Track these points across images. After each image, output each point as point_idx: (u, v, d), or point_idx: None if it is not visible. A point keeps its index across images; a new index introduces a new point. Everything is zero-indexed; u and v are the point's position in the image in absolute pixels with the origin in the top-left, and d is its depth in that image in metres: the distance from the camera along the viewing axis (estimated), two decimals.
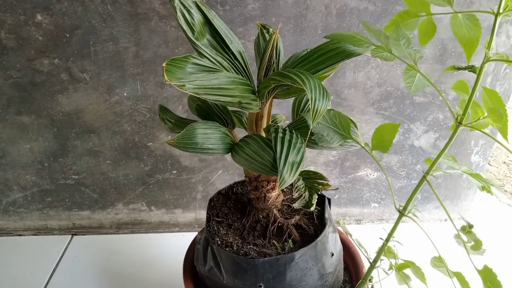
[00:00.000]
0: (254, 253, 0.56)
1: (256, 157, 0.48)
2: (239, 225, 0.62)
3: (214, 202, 0.67)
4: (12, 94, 0.84)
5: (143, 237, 1.03)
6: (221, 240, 0.58)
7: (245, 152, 0.49)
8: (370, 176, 0.99)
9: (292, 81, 0.42)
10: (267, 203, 0.59)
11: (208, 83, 0.43)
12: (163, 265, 0.92)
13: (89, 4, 0.75)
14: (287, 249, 0.57)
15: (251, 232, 0.60)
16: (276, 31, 0.48)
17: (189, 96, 0.60)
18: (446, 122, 0.91)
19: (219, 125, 0.52)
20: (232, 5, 0.76)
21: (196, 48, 0.48)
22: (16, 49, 0.79)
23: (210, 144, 0.49)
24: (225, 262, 0.56)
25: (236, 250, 0.56)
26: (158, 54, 0.80)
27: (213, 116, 0.57)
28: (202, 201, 1.01)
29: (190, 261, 0.68)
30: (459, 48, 0.82)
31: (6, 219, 1.01)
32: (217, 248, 0.57)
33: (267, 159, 0.47)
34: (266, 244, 0.58)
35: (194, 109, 0.59)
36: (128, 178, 0.96)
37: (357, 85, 0.86)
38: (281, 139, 0.47)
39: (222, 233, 0.60)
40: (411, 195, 0.48)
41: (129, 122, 0.88)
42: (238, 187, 0.70)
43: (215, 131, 0.51)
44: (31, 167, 0.93)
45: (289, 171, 0.45)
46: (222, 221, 0.62)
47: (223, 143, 0.51)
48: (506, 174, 1.39)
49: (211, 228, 0.61)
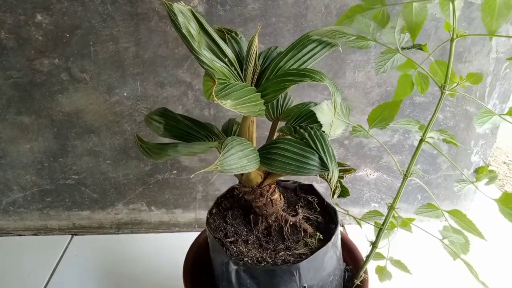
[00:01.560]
0: (291, 258, 0.55)
1: (299, 159, 0.46)
2: (253, 237, 0.59)
3: (213, 224, 0.62)
4: (12, 94, 0.84)
5: (143, 237, 1.03)
6: (250, 258, 0.55)
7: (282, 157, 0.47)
8: (370, 176, 0.99)
9: (311, 79, 0.43)
10: (276, 207, 0.59)
11: (241, 95, 0.43)
12: (163, 265, 0.92)
13: (89, 4, 0.75)
14: (316, 241, 0.58)
15: (268, 240, 0.59)
16: (255, 34, 0.48)
17: (150, 117, 0.55)
18: (446, 122, 0.91)
19: (245, 141, 0.49)
20: (232, 5, 0.76)
21: (198, 57, 0.46)
22: (16, 49, 0.79)
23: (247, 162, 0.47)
24: (262, 278, 0.53)
25: (273, 262, 0.54)
26: (158, 54, 0.80)
27: (194, 134, 0.55)
28: (202, 201, 1.01)
29: (191, 261, 0.68)
30: (459, 47, 0.82)
31: (6, 219, 1.01)
32: (247, 269, 0.53)
33: (312, 158, 0.46)
34: (291, 245, 0.58)
35: (162, 129, 0.55)
36: (128, 178, 0.96)
37: (357, 85, 0.86)
38: (315, 136, 0.47)
39: (245, 252, 0.57)
40: (411, 158, 0.50)
41: (129, 122, 0.88)
42: (223, 201, 0.66)
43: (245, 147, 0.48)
44: (31, 167, 0.93)
45: (335, 164, 0.46)
46: (236, 240, 0.59)
47: (253, 158, 0.48)
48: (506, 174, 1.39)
49: (231, 251, 0.57)
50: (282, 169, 0.47)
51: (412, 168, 0.51)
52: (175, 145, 0.49)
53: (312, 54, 0.50)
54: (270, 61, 0.53)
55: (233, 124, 0.62)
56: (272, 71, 0.51)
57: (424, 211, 0.53)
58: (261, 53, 0.54)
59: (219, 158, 0.43)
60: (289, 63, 0.50)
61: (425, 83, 0.49)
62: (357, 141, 0.94)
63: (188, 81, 0.84)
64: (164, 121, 0.55)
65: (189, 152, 0.50)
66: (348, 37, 0.44)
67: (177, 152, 0.49)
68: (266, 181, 0.57)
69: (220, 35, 0.53)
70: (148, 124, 0.55)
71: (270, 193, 0.58)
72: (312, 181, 0.96)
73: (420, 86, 0.49)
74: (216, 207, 0.65)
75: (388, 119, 0.51)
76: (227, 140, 0.46)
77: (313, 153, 0.46)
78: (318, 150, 0.46)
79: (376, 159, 0.96)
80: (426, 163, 0.96)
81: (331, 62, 0.83)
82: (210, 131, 0.57)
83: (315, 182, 0.92)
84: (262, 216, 0.60)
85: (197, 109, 0.87)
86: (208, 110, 0.88)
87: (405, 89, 0.50)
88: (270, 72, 0.51)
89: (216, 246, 0.57)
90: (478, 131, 0.92)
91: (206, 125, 0.57)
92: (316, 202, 0.65)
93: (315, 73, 0.44)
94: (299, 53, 0.50)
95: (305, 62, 0.50)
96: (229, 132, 0.61)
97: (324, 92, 0.86)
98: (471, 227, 0.49)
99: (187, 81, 0.84)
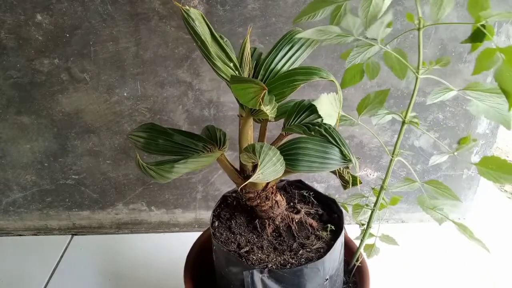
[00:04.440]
0: (312, 254, 0.55)
1: (322, 155, 0.48)
2: (265, 242, 0.59)
3: (221, 238, 0.60)
4: (12, 94, 0.84)
5: (143, 237, 1.03)
6: (273, 263, 0.54)
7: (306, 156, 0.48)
8: (370, 176, 0.99)
9: (320, 76, 0.44)
10: (282, 207, 0.59)
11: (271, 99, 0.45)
12: (163, 265, 0.92)
13: (89, 4, 0.75)
14: (329, 233, 0.59)
15: (281, 241, 0.59)
16: (247, 36, 0.48)
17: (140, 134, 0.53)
18: (446, 122, 0.91)
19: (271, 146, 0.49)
20: (232, 5, 0.76)
21: (214, 63, 0.45)
22: (16, 49, 0.79)
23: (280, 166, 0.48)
24: (288, 280, 0.53)
25: (297, 262, 0.54)
26: (158, 54, 0.80)
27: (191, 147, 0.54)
28: (202, 201, 1.01)
29: (191, 261, 0.68)
30: (459, 47, 0.82)
31: (6, 219, 1.01)
32: (272, 274, 0.53)
33: (333, 153, 0.48)
34: (303, 242, 0.58)
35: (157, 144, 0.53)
36: (128, 178, 0.96)
37: (357, 85, 0.86)
38: (331, 131, 0.48)
39: (265, 258, 0.56)
40: (397, 139, 0.54)
41: (129, 122, 0.88)
42: (221, 212, 0.65)
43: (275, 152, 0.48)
44: (31, 167, 0.93)
45: (353, 155, 0.48)
46: (252, 249, 0.57)
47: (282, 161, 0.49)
48: None
49: (252, 261, 0.55)
50: (308, 167, 0.48)
51: (398, 149, 0.54)
52: (185, 162, 0.48)
53: (300, 53, 0.52)
54: (259, 63, 0.53)
55: (215, 131, 0.59)
56: (264, 73, 0.51)
57: (402, 185, 0.56)
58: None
59: (260, 167, 0.43)
60: (280, 64, 0.51)
61: (375, 70, 0.53)
62: (357, 141, 0.94)
63: (188, 81, 0.84)
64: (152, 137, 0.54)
65: (196, 167, 0.50)
66: (330, 35, 0.46)
67: (186, 169, 0.48)
68: (271, 183, 0.57)
69: None
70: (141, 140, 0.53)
71: (274, 195, 0.58)
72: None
73: (370, 73, 0.53)
74: (217, 219, 0.63)
75: (378, 106, 0.54)
76: (258, 147, 0.46)
77: (333, 148, 0.48)
78: (338, 144, 0.48)
79: (376, 159, 0.96)
80: (426, 163, 0.96)
81: (331, 62, 0.83)
82: (206, 141, 0.56)
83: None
84: (269, 219, 0.60)
85: (197, 109, 0.87)
86: (208, 110, 0.88)
87: (354, 77, 0.54)
88: (262, 75, 0.52)
89: (233, 259, 0.55)
90: (478, 131, 0.92)
91: (200, 136, 0.56)
92: (312, 195, 0.66)
93: (321, 70, 0.45)
94: (287, 54, 0.51)
95: (295, 62, 0.52)
96: (217, 140, 0.58)
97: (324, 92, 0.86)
98: (447, 192, 0.52)
99: (187, 81, 0.84)
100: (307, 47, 0.52)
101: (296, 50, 0.51)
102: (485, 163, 0.45)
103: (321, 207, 0.65)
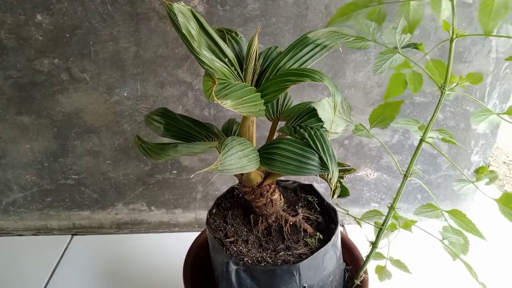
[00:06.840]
0: (292, 258, 0.55)
1: (299, 159, 0.47)
2: (253, 237, 0.60)
3: (213, 225, 0.62)
4: (12, 94, 0.84)
5: (143, 237, 1.03)
6: (250, 258, 0.55)
7: (282, 157, 0.47)
8: (370, 176, 0.99)
9: (311, 79, 0.43)
10: (276, 207, 0.59)
11: (240, 95, 0.43)
12: (163, 265, 0.92)
13: (89, 4, 0.75)
14: (316, 241, 0.58)
15: (268, 240, 0.59)
16: (255, 34, 0.48)
17: (150, 117, 0.55)
18: (446, 122, 0.91)
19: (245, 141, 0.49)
20: (232, 5, 0.76)
21: (198, 57, 0.46)
22: (16, 49, 0.79)
23: (248, 161, 0.47)
24: (262, 278, 0.53)
25: (273, 262, 0.54)
26: (158, 54, 0.80)
27: (194, 134, 0.55)
28: (202, 201, 1.01)
29: (191, 262, 0.68)
30: (459, 47, 0.82)
31: (6, 219, 1.01)
32: (247, 269, 0.53)
33: (312, 158, 0.46)
34: (291, 245, 0.58)
35: (162, 129, 0.55)
36: (128, 178, 0.96)
37: (357, 85, 0.86)
38: (315, 136, 0.47)
39: (245, 252, 0.57)
40: (411, 158, 0.51)
41: (129, 122, 0.88)
42: (223, 201, 0.66)
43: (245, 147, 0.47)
44: (31, 167, 0.93)
45: (334, 164, 0.46)
46: (236, 240, 0.59)
47: (254, 158, 0.48)
48: (506, 174, 1.39)
49: (231, 251, 0.57)
50: (282, 169, 0.47)
51: (412, 168, 0.51)
52: (175, 145, 0.49)
53: (312, 54, 0.51)
54: (270, 61, 0.53)
55: (233, 124, 0.62)
56: (272, 71, 0.51)
57: (424, 211, 0.53)
58: (261, 53, 0.54)
59: (219, 158, 0.43)
60: (289, 63, 0.50)
61: (418, 82, 0.49)
62: (357, 141, 0.94)
63: (188, 81, 0.84)
64: (164, 121, 0.55)
65: (189, 152, 0.50)
66: (347, 38, 0.45)
67: (177, 152, 0.49)
68: (266, 181, 0.57)
69: (220, 35, 0.53)
70: (148, 124, 0.55)
71: (270, 193, 0.58)
72: (312, 181, 0.96)
73: (414, 85, 0.49)
74: (216, 207, 0.65)
75: (389, 119, 0.51)
76: (227, 140, 0.45)
77: (313, 153, 0.46)
78: (318, 150, 0.46)
79: (376, 159, 0.96)
80: (426, 163, 0.96)
81: (331, 62, 0.83)
82: (210, 131, 0.57)
83: (315, 182, 0.92)
84: (262, 216, 0.60)
85: (197, 109, 0.87)
86: (208, 110, 0.88)
87: (397, 88, 0.49)
88: (270, 72, 0.51)
89: (216, 246, 0.57)
90: (478, 131, 0.92)
91: (206, 125, 0.57)
92: (316, 202, 0.65)
93: (314, 72, 0.44)
94: (299, 53, 0.50)
95: (305, 62, 0.50)
96: (229, 132, 0.61)
97: (324, 92, 0.86)
98: (471, 227, 0.49)
99: (187, 81, 0.84)
100: (321, 48, 0.51)
101: (309, 50, 0.51)
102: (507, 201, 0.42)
103: (322, 215, 0.64)
